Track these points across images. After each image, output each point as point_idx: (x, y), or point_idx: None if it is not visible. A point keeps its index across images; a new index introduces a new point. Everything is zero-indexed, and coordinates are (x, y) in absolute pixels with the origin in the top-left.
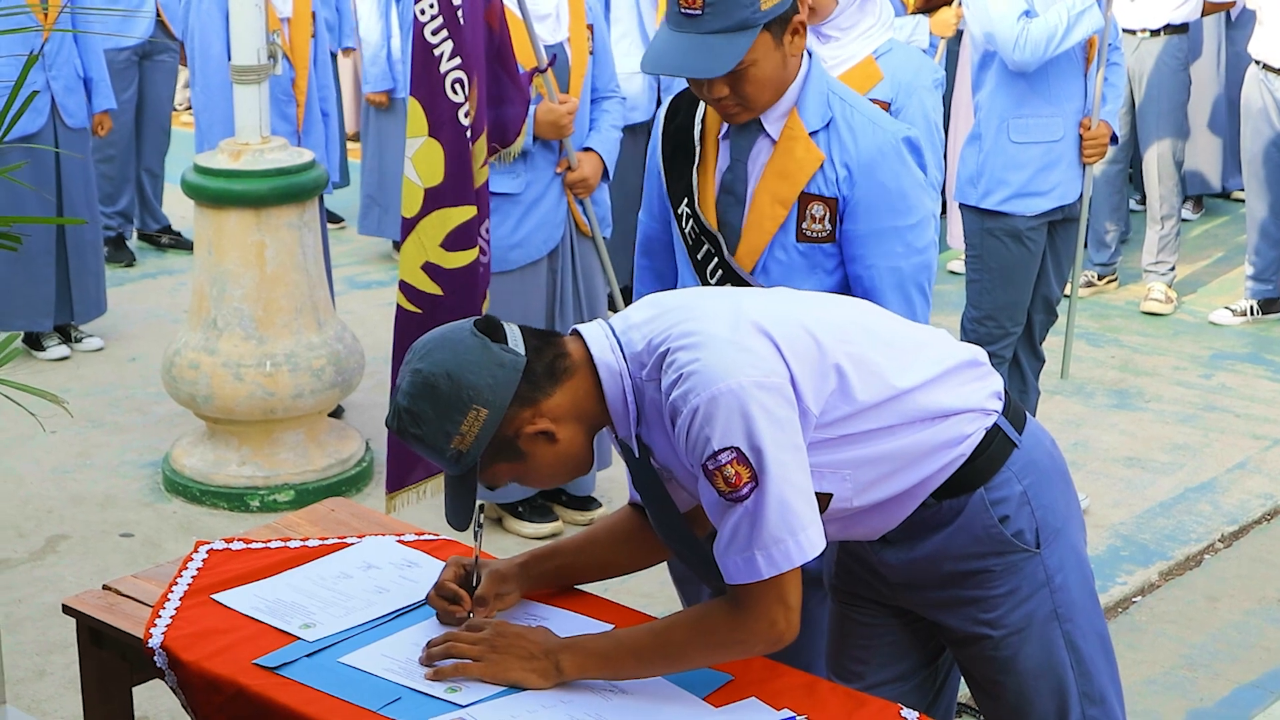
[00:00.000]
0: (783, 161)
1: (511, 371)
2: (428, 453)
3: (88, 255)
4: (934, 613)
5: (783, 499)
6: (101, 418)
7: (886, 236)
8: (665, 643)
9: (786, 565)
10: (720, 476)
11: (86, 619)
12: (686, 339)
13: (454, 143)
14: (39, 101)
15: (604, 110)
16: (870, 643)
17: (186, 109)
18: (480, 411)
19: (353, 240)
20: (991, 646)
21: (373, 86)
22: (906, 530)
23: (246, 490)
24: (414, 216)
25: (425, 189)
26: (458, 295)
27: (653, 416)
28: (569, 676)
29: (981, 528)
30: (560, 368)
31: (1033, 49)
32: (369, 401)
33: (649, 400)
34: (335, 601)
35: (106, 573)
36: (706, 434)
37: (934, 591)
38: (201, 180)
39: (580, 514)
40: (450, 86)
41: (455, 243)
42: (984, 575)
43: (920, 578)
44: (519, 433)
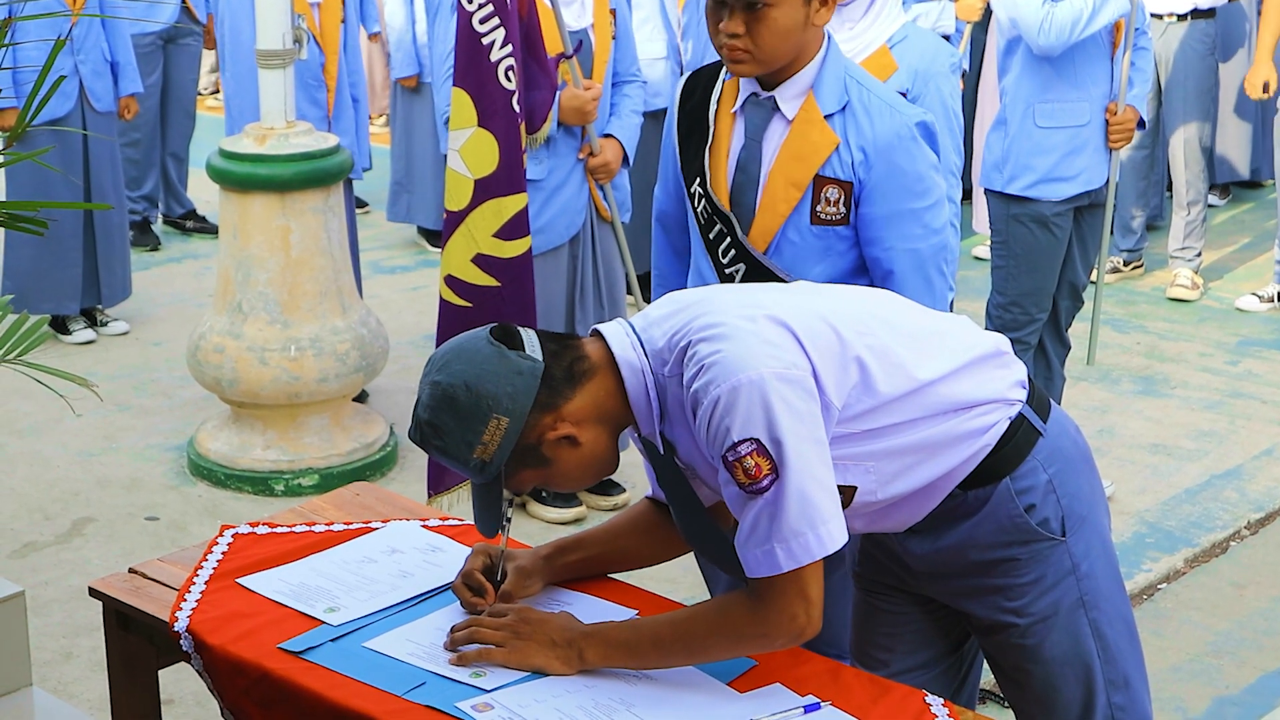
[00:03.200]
0: (798, 144)
1: (530, 378)
2: (451, 463)
3: (115, 239)
4: (959, 601)
5: (803, 492)
6: (127, 401)
7: (904, 219)
8: (686, 634)
9: (806, 559)
10: (740, 468)
11: (113, 602)
12: (708, 331)
13: (507, 131)
14: (67, 85)
15: (625, 95)
16: (895, 630)
17: (212, 93)
18: (501, 421)
19: (379, 225)
20: (1018, 634)
21: (399, 72)
22: (931, 520)
23: (271, 474)
24: (462, 209)
25: (475, 180)
26: (515, 285)
27: (675, 413)
28: (591, 665)
29: (1007, 517)
30: (579, 370)
31: (1058, 33)
32: (393, 386)
33: (672, 396)
34: (360, 586)
35: (132, 556)
36: (727, 424)
37: (959, 580)
38: (226, 164)
39: (604, 499)
40: (504, 74)
41: (511, 232)
42: (1010, 564)
43: (945, 567)
44: (542, 439)
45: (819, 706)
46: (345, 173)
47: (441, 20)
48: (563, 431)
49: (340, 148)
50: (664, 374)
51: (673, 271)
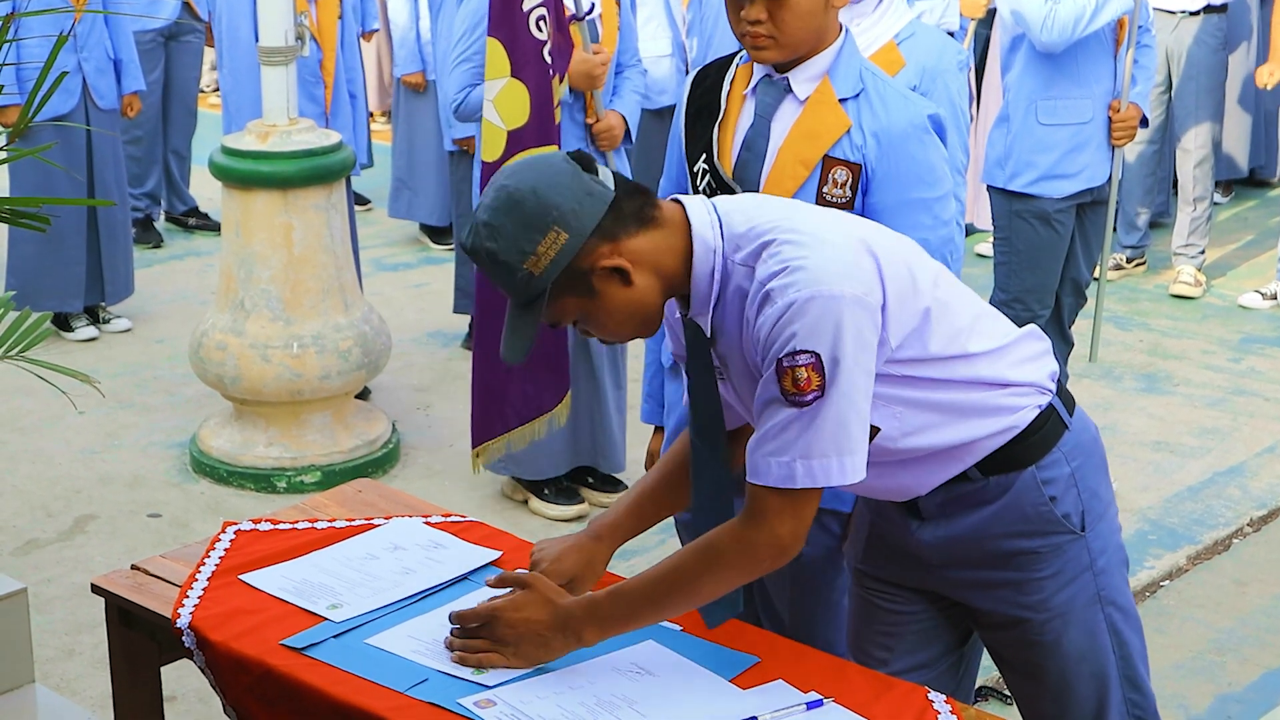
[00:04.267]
0: (810, 123)
1: (599, 201)
2: (497, 272)
3: (118, 236)
4: (970, 595)
5: (842, 417)
6: (129, 398)
7: (915, 208)
8: (675, 581)
9: (824, 481)
10: (791, 376)
11: (115, 598)
12: (797, 235)
13: (539, 81)
14: (71, 83)
15: (626, 78)
16: (895, 629)
17: (214, 91)
18: (560, 235)
19: (380, 222)
20: (1034, 630)
21: (402, 69)
22: (946, 506)
23: (273, 471)
24: (496, 160)
25: (509, 131)
26: None
27: (732, 301)
28: (592, 644)
29: (1031, 506)
30: (649, 215)
31: (1060, 30)
32: (395, 383)
33: (734, 284)
34: (362, 582)
35: (134, 553)
36: (793, 330)
37: (972, 572)
38: (229, 162)
39: (607, 496)
40: (534, 24)
41: None
42: (1028, 557)
43: (959, 557)
44: (594, 267)
45: (821, 703)
46: (348, 170)
47: (445, 14)
48: (617, 263)
49: (343, 145)
50: (734, 259)
51: None
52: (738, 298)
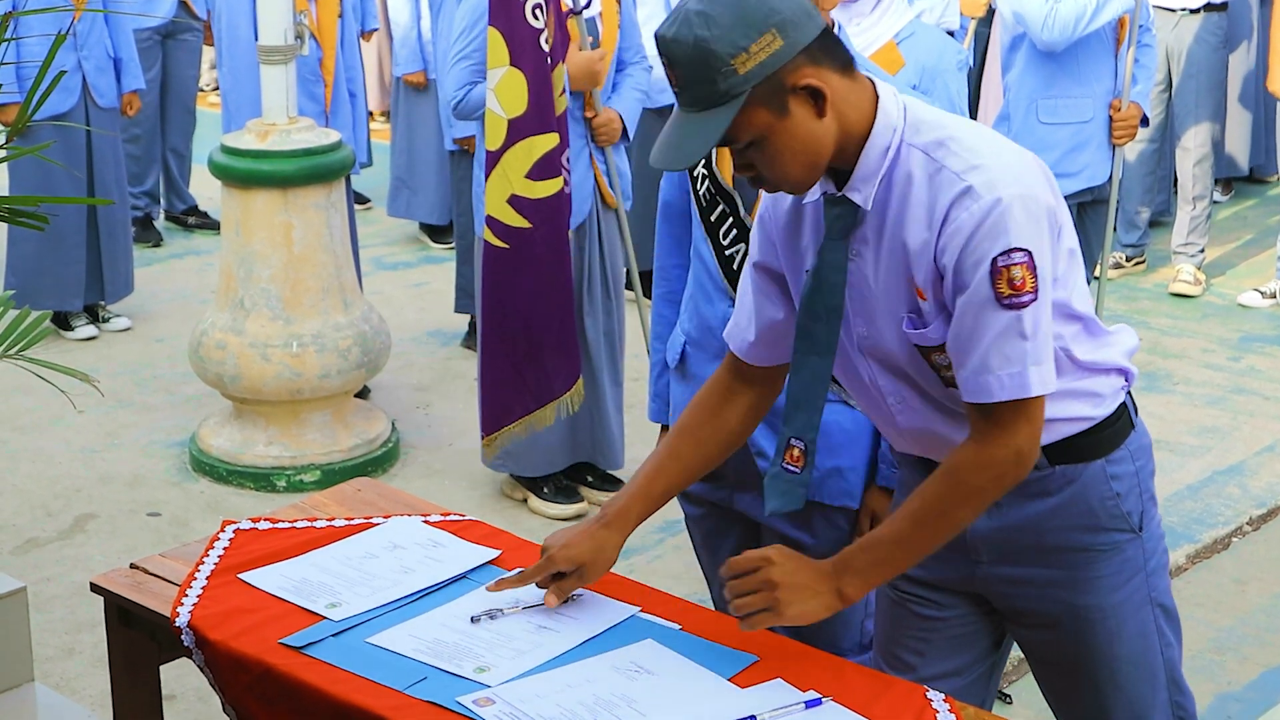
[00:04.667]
0: None
1: (815, 24)
2: (696, 64)
3: (118, 235)
4: (1018, 593)
5: (1048, 321)
6: (129, 398)
7: None
8: (924, 518)
9: (1051, 386)
10: (1006, 276)
11: (114, 597)
12: (981, 138)
13: (536, 69)
14: (71, 81)
15: (627, 75)
16: (929, 634)
17: (214, 90)
18: (776, 39)
19: (380, 221)
20: (1086, 632)
21: (403, 68)
22: (1007, 493)
23: (273, 470)
24: (498, 149)
25: (509, 119)
26: (547, 225)
27: (897, 185)
28: (854, 600)
29: (1098, 500)
30: (849, 62)
31: (1061, 28)
32: (395, 382)
33: (904, 170)
34: (361, 581)
35: (134, 552)
36: (1005, 226)
37: (1025, 569)
38: (229, 160)
39: (606, 494)
40: (530, 12)
41: (541, 172)
42: (1086, 554)
43: (1012, 551)
44: (796, 85)
45: (820, 702)
46: (347, 169)
47: (446, 13)
48: (820, 85)
49: (342, 144)
50: (912, 143)
51: (675, 264)
52: (905, 182)
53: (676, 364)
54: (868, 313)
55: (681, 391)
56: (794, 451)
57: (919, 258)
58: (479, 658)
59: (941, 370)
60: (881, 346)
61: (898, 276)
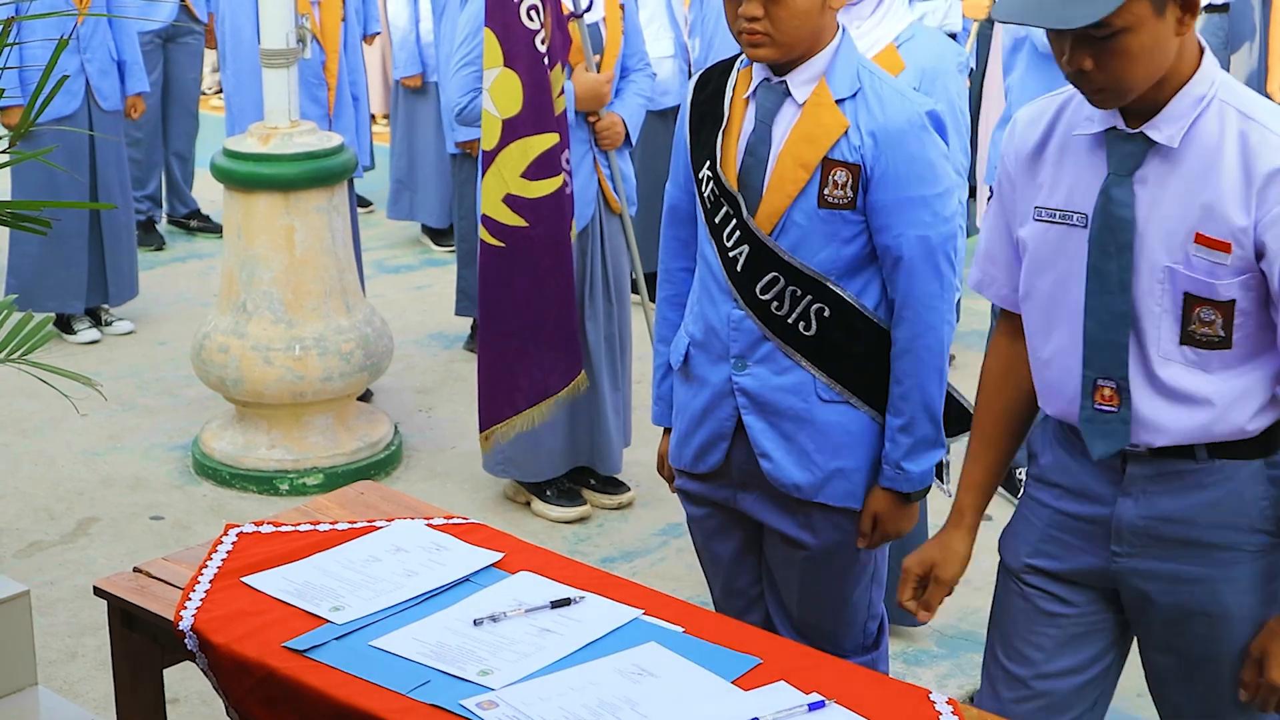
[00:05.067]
0: (808, 126)
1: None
2: None
3: (122, 238)
4: (1153, 587)
5: None
6: (132, 401)
7: (915, 205)
8: None
9: None
10: None
11: (117, 601)
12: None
13: (532, 70)
14: (74, 84)
15: (630, 81)
16: (1051, 629)
17: (216, 93)
18: None
19: (382, 224)
20: (1215, 632)
21: (402, 71)
22: (1156, 481)
23: (276, 473)
24: (493, 149)
25: (503, 120)
26: (545, 225)
27: (1200, 134)
28: None
29: (1252, 499)
30: (1197, 9)
31: None
32: (398, 385)
33: (1211, 122)
34: (364, 584)
35: (137, 555)
36: None
37: (1168, 564)
38: (230, 164)
39: (608, 497)
40: (526, 13)
41: (538, 171)
42: (1231, 553)
43: (1156, 542)
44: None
45: (824, 704)
46: (349, 172)
47: (449, 18)
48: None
49: (344, 147)
50: (1227, 99)
51: (679, 267)
52: (1213, 134)
53: (680, 366)
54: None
55: (685, 393)
56: (1104, 392)
57: (1215, 210)
58: (482, 661)
59: (1195, 326)
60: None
61: (1177, 222)
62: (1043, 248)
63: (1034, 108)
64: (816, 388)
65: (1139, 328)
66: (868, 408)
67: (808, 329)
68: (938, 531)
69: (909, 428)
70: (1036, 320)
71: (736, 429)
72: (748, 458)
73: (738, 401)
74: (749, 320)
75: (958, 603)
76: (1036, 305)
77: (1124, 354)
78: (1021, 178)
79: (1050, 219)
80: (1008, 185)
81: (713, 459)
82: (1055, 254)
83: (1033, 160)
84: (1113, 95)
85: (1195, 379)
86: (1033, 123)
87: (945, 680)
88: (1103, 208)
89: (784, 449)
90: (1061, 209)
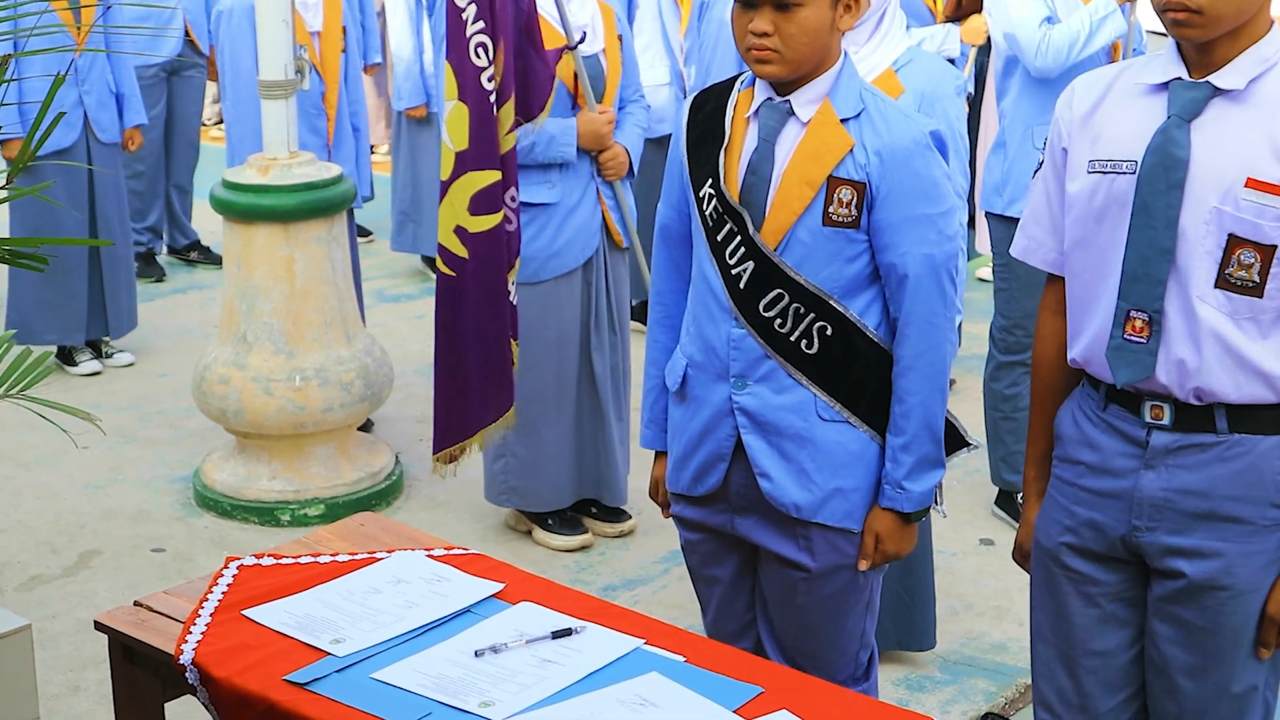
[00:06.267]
0: (813, 143)
1: None
2: None
3: (121, 271)
4: (1172, 560)
5: None
6: (133, 432)
7: (920, 223)
8: None
9: None
10: None
11: (118, 635)
12: None
13: (478, 106)
14: (72, 116)
15: (628, 113)
16: (1090, 610)
17: (216, 124)
18: None
19: (382, 254)
20: (1232, 605)
21: (407, 102)
22: (1179, 454)
23: (277, 505)
24: (447, 180)
25: (455, 152)
26: (480, 259)
27: (1264, 89)
28: None
29: (1271, 472)
30: None
31: (1055, 55)
32: (398, 414)
33: (1275, 80)
34: (365, 617)
35: (139, 588)
36: None
37: (1188, 538)
38: (230, 195)
39: (610, 525)
40: (474, 51)
41: (479, 206)
42: (1250, 527)
43: (1174, 516)
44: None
45: None
46: (348, 202)
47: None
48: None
49: (343, 177)
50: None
51: (671, 289)
52: (1279, 88)
53: (678, 388)
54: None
55: (681, 415)
56: (1136, 323)
57: (1271, 154)
58: (483, 692)
59: (1233, 270)
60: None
61: (1231, 165)
62: (1095, 198)
63: (1094, 73)
64: (817, 407)
65: (1178, 265)
66: (867, 427)
67: (809, 347)
68: (1022, 519)
69: (911, 446)
70: (1080, 266)
71: (735, 450)
72: (746, 479)
73: (737, 421)
74: (750, 339)
75: (961, 628)
76: (1083, 254)
77: (1160, 289)
78: (1078, 134)
79: (1103, 169)
80: (1061, 146)
81: (711, 480)
82: (1107, 203)
83: (1088, 117)
84: (1204, 16)
85: (1225, 325)
86: (1093, 84)
87: (949, 706)
88: (1159, 146)
89: (783, 468)
90: (1115, 159)
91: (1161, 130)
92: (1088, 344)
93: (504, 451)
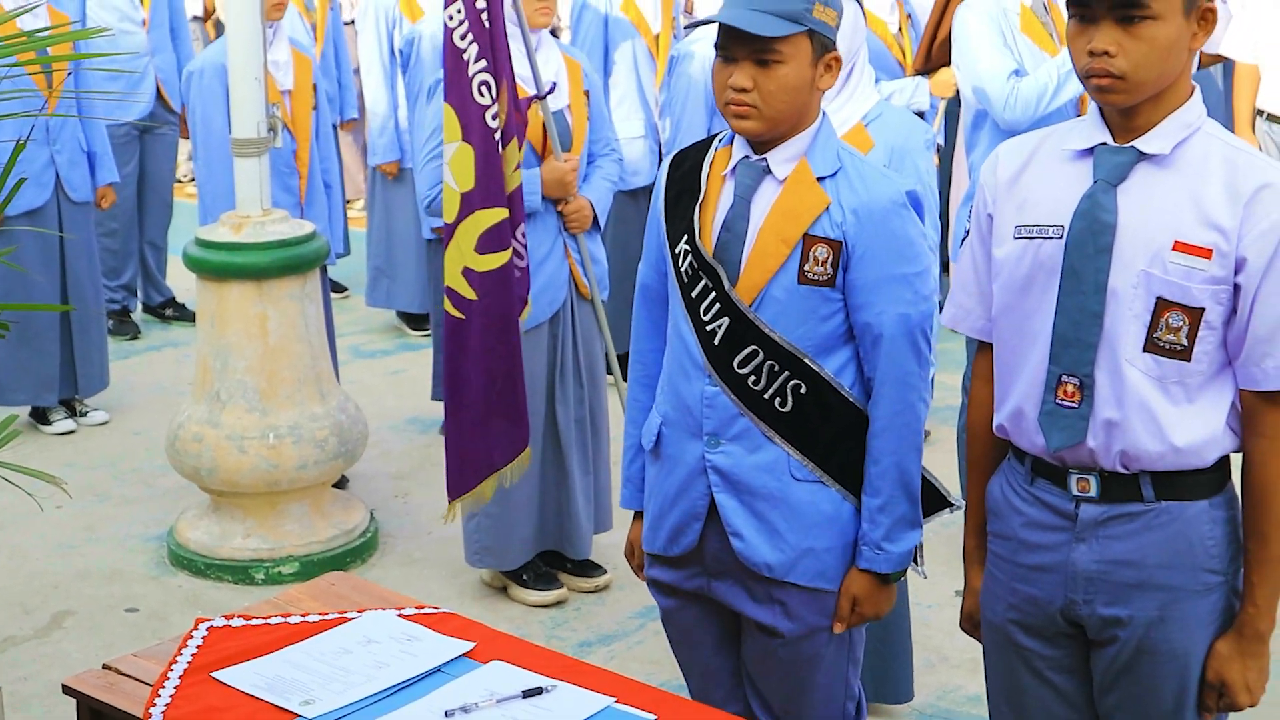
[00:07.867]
0: (789, 201)
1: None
2: None
3: (91, 330)
4: (1110, 631)
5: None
6: (107, 491)
7: (895, 283)
8: (1268, 524)
9: None
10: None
11: (87, 699)
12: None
13: (483, 145)
14: (44, 175)
15: (597, 166)
16: (1043, 691)
17: (190, 180)
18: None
19: (357, 309)
20: (1174, 669)
21: (381, 158)
22: (1108, 525)
23: (251, 563)
24: (453, 222)
25: (461, 193)
26: (491, 298)
27: (1185, 157)
28: (1268, 631)
29: (1199, 538)
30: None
31: (1024, 107)
32: (373, 471)
33: (1196, 149)
34: (335, 677)
35: (112, 648)
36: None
37: (1121, 609)
38: (203, 253)
39: (585, 580)
40: (477, 89)
41: (487, 245)
42: (1181, 593)
43: (1108, 587)
44: (1205, 4)
45: None
46: (322, 259)
47: (421, 106)
48: (1214, 12)
49: (316, 234)
50: (1212, 133)
51: (651, 348)
52: (1197, 158)
53: (652, 446)
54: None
55: (656, 474)
56: (1067, 388)
57: (1198, 217)
58: None
59: (1162, 333)
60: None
61: (1158, 229)
62: (1021, 264)
63: (1018, 139)
64: (790, 466)
65: (1106, 329)
66: (840, 487)
67: (783, 405)
68: (966, 588)
69: (887, 507)
70: (1006, 332)
71: (710, 510)
72: (721, 542)
73: (710, 480)
74: (723, 395)
75: (937, 680)
76: (1009, 320)
77: (1091, 353)
78: (1003, 200)
79: (1030, 234)
80: (986, 212)
81: (686, 540)
82: (1034, 268)
83: (1013, 182)
84: (1131, 81)
85: (1151, 390)
86: (1016, 150)
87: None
88: (1086, 211)
89: (755, 527)
90: (1041, 224)
91: (1089, 195)
92: (1012, 411)
93: (477, 510)
